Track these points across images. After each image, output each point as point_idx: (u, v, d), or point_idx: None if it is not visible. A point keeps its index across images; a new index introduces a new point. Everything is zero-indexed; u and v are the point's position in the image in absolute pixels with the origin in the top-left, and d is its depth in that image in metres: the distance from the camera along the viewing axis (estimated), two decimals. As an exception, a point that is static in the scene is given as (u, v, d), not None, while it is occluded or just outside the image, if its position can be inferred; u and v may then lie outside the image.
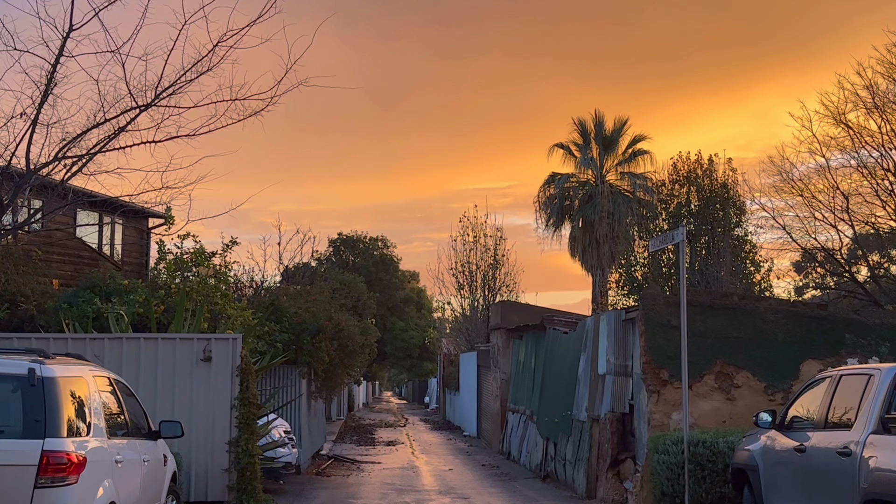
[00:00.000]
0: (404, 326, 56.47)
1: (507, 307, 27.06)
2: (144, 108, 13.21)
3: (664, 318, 12.79)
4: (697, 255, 28.64)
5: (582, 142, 36.01)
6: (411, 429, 37.34)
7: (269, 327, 18.15)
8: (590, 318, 16.68)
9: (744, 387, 12.70)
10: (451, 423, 41.13)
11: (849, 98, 19.53)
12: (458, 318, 38.57)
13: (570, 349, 17.56)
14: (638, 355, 13.30)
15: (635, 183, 33.84)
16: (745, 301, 13.25)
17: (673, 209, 30.00)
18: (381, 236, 57.17)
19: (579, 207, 34.82)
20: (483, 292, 37.17)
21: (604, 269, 33.56)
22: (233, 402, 12.17)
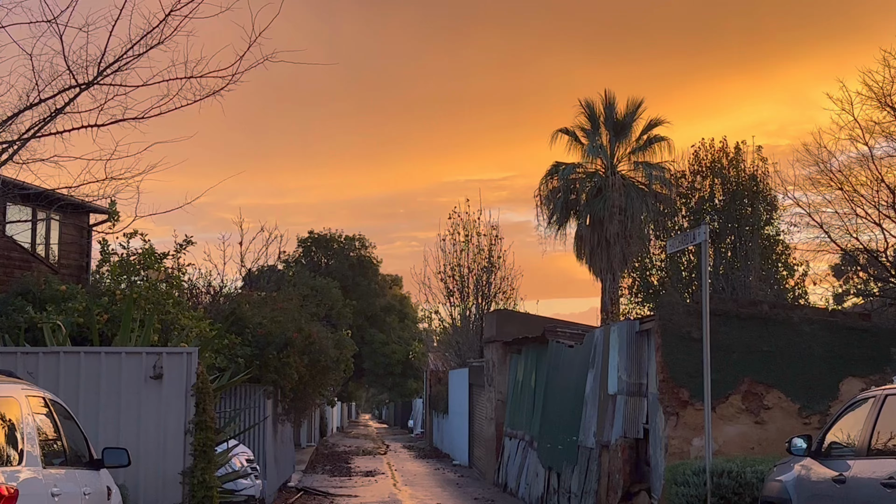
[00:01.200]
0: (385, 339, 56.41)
1: (503, 317, 27.09)
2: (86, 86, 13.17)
3: (684, 330, 12.83)
4: (722, 258, 28.68)
5: (590, 127, 36.10)
6: (393, 457, 37.33)
7: (229, 340, 18.12)
8: (598, 330, 16.71)
9: (775, 408, 12.75)
10: (439, 450, 41.11)
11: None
12: (447, 330, 38.53)
13: (576, 365, 17.58)
14: (654, 372, 13.34)
15: (651, 174, 33.95)
16: (777, 310, 13.31)
17: (694, 204, 30.02)
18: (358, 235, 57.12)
19: (587, 202, 34.91)
20: (476, 300, 37.17)
21: (615, 273, 33.63)
22: (187, 426, 12.14)
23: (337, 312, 39.07)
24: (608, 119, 35.82)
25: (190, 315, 16.04)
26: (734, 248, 28.56)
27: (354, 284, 52.36)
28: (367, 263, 55.00)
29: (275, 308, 21.47)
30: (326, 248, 53.99)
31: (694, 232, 12.20)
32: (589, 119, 36.13)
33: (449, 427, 38.53)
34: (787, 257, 29.92)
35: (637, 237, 32.86)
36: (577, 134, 36.26)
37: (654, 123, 35.56)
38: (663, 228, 30.91)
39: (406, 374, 56.90)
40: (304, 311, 23.39)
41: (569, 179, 35.28)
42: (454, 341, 37.78)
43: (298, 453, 33.00)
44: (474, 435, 31.57)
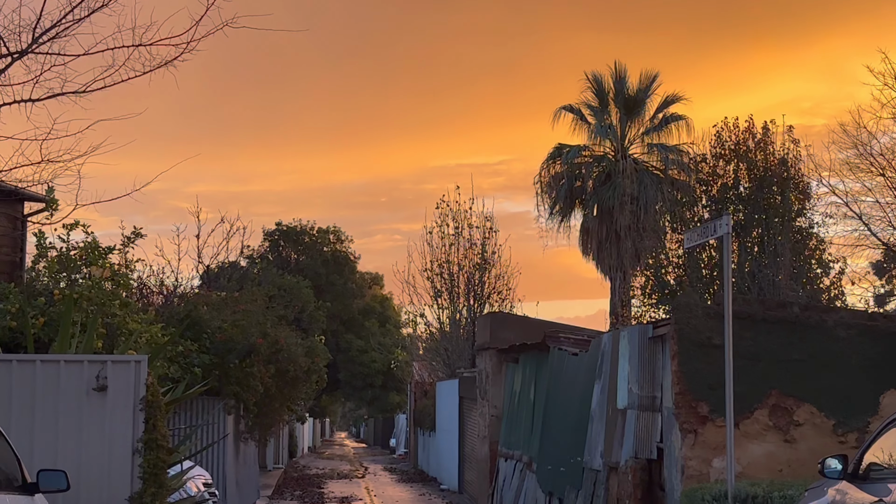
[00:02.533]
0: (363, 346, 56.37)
1: (498, 321, 27.11)
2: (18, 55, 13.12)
3: (703, 335, 12.87)
4: (748, 253, 28.76)
5: (597, 104, 36.13)
6: (373, 481, 37.36)
7: (184, 346, 18.11)
8: (606, 336, 16.74)
9: (806, 425, 12.79)
10: (425, 472, 41.14)
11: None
12: (435, 336, 38.53)
13: (581, 376, 17.60)
14: (669, 384, 13.37)
15: (667, 158, 34.01)
16: (809, 313, 13.35)
17: (716, 192, 30.09)
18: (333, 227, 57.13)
19: (594, 190, 34.96)
20: (467, 301, 37.19)
21: (625, 270, 33.68)
22: (135, 445, 12.12)
23: (308, 315, 39.02)
24: (618, 95, 35.86)
25: (139, 318, 16.01)
26: (761, 243, 28.63)
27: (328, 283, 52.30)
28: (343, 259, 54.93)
29: (237, 310, 21.45)
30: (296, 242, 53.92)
31: (715, 223, 12.22)
32: (596, 95, 36.15)
33: (436, 446, 38.54)
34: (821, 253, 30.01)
35: (651, 230, 32.94)
36: (583, 112, 36.28)
37: (670, 100, 35.61)
38: (681, 220, 30.97)
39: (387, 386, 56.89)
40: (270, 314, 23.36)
41: (573, 164, 35.31)
42: (442, 349, 37.78)
43: (264, 476, 32.98)
44: (465, 455, 31.59)
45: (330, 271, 52.86)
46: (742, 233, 28.64)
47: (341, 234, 55.83)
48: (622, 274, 33.84)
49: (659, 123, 35.50)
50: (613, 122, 35.87)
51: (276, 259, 51.49)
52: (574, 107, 36.40)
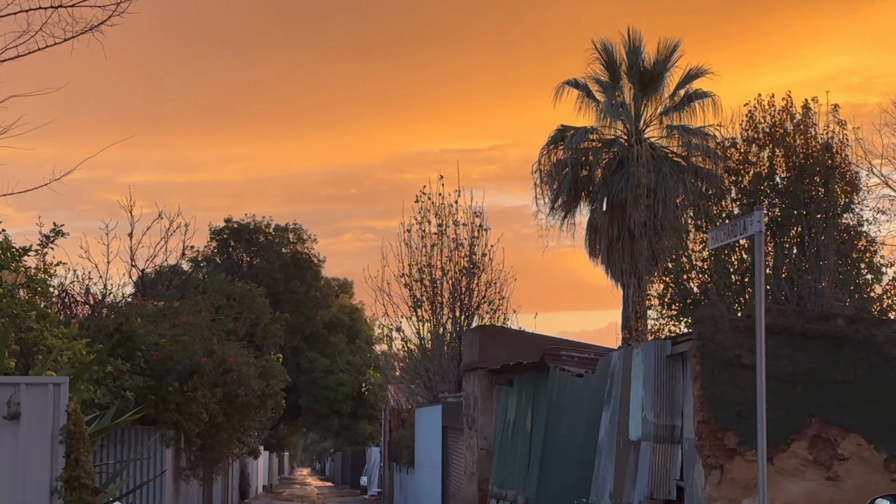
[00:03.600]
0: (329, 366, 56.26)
1: (489, 336, 27.10)
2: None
3: (731, 353, 12.88)
4: (785, 256, 28.80)
5: (607, 78, 36.23)
6: (339, 526, 37.30)
7: (113, 366, 18.04)
8: (617, 353, 16.74)
9: (853, 458, 12.81)
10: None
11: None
12: (414, 354, 38.51)
13: (587, 401, 17.60)
14: (690, 411, 13.38)
15: (690, 142, 34.12)
16: (857, 326, 13.37)
17: (748, 184, 30.10)
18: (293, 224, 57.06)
19: (603, 180, 35.05)
20: (452, 312, 37.16)
21: (640, 276, 33.76)
22: (54, 483, 12.08)
23: (263, 329, 38.91)
24: (632, 68, 35.97)
25: (60, 332, 15.94)
26: (801, 243, 28.67)
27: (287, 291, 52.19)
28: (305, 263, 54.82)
29: (177, 323, 21.41)
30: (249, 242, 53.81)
31: (746, 220, 12.23)
32: (606, 67, 36.25)
33: (416, 485, 38.53)
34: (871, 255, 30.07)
35: (671, 228, 32.95)
36: (591, 87, 36.37)
37: (694, 74, 35.72)
38: (706, 216, 30.99)
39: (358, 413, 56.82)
40: (217, 328, 23.32)
41: (579, 149, 35.40)
42: (423, 369, 37.76)
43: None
44: (450, 496, 31.58)
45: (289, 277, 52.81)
46: (778, 231, 28.66)
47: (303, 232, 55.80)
48: (636, 280, 33.91)
49: (680, 101, 35.62)
50: (626, 100, 35.98)
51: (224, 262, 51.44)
52: (580, 81, 36.49)
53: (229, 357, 21.39)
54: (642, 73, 35.88)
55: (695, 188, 32.81)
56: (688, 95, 35.59)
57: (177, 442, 20.75)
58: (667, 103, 35.94)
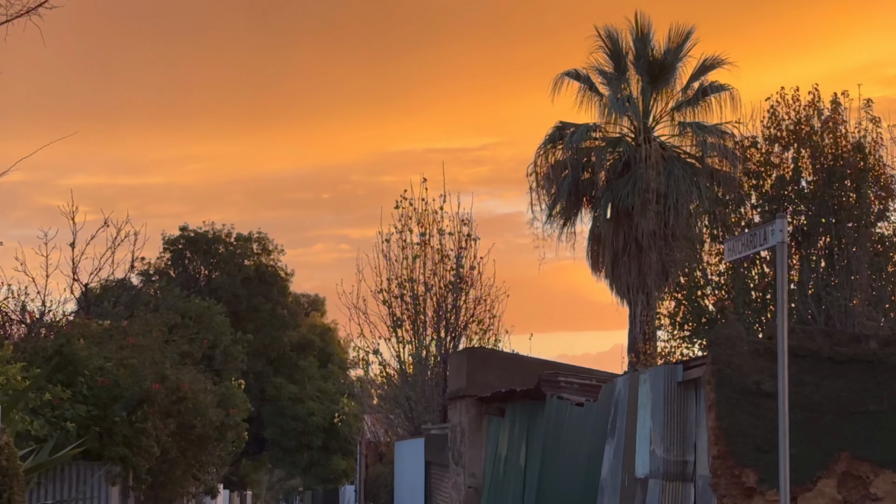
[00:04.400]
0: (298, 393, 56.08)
1: (478, 359, 27.08)
2: None
3: (750, 379, 12.88)
4: (812, 270, 28.84)
5: (612, 69, 36.26)
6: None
7: (52, 393, 18.01)
8: (622, 379, 16.74)
9: (887, 498, 12.82)
10: (380, 564, 41.06)
11: None
12: (393, 380, 38.46)
13: (588, 433, 17.60)
14: (705, 444, 13.37)
15: (705, 141, 34.14)
16: (892, 349, 13.39)
17: (770, 188, 30.19)
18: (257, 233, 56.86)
19: (607, 184, 35.05)
20: (437, 333, 37.15)
21: (649, 292, 33.75)
22: (-17, 527, 12.04)
23: (223, 352, 38.82)
24: (640, 57, 36.01)
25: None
26: (829, 255, 28.69)
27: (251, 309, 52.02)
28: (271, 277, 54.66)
29: (125, 345, 21.37)
30: (207, 253, 53.62)
31: (767, 229, 12.23)
32: (611, 57, 36.29)
33: (395, 529, 38.47)
34: (909, 269, 30.12)
35: (683, 238, 32.95)
36: (593, 79, 36.41)
37: (709, 65, 35.77)
38: (723, 224, 31.02)
39: (330, 447, 56.64)
40: (170, 350, 23.29)
41: (580, 149, 35.42)
42: (403, 397, 37.70)
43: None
44: (433, 541, 31.54)
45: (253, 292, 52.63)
46: (804, 242, 28.69)
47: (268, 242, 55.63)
48: (644, 297, 33.91)
49: (694, 95, 35.66)
50: (633, 94, 36.02)
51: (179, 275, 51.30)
52: (581, 72, 36.52)
53: (184, 383, 21.35)
54: (651, 64, 35.92)
55: (710, 193, 32.79)
56: (703, 88, 35.63)
57: (124, 479, 20.67)
58: (679, 97, 35.99)
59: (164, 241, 53.35)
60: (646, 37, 36.13)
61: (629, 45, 36.23)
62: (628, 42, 36.23)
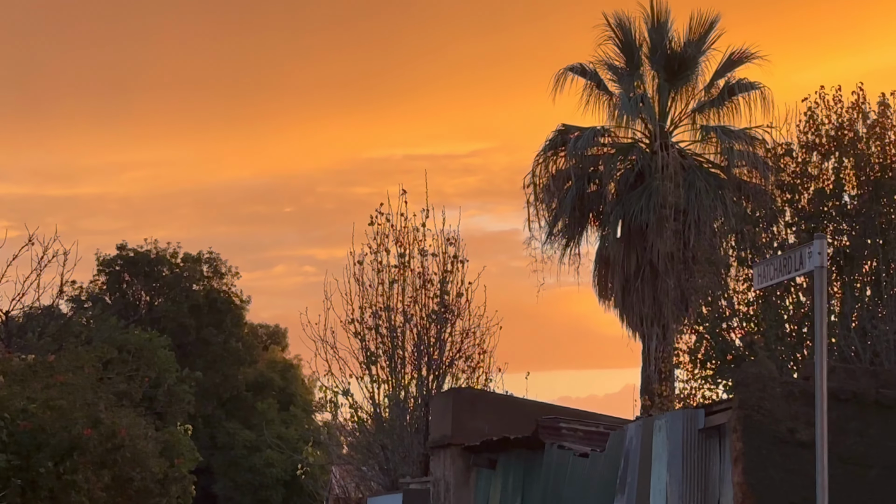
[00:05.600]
0: (254, 441, 55.86)
1: (465, 402, 27.09)
2: None
3: (783, 426, 12.90)
4: (855, 299, 28.91)
5: (624, 63, 36.32)
6: None
7: (-35, 440, 17.96)
8: (633, 426, 16.74)
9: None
10: None
11: None
12: (367, 425, 38.39)
13: (594, 489, 17.60)
14: (730, 501, 13.37)
15: (732, 149, 34.17)
16: (948, 392, 13.43)
17: (807, 203, 30.31)
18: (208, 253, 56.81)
19: (618, 197, 35.08)
20: (417, 371, 37.11)
21: (665, 324, 33.76)
22: None
23: (167, 392, 38.67)
24: (656, 50, 36.07)
25: None
26: (876, 282, 28.77)
27: (200, 341, 51.94)
28: (224, 304, 54.60)
29: (52, 383, 21.31)
30: (150, 276, 53.60)
31: (803, 251, 12.25)
32: (622, 50, 36.35)
33: None
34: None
35: (706, 261, 33.01)
36: (602, 75, 36.46)
37: (737, 59, 35.85)
38: (752, 245, 31.12)
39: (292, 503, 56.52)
40: (105, 390, 23.22)
41: (586, 156, 35.46)
42: (378, 445, 37.61)
43: None
44: None
45: (202, 322, 52.69)
46: (846, 266, 28.76)
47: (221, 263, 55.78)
48: (660, 329, 33.91)
49: (719, 95, 35.73)
50: (648, 92, 36.07)
51: (116, 302, 51.34)
52: (587, 68, 36.56)
53: (121, 429, 21.28)
54: (669, 57, 35.97)
55: (737, 209, 32.86)
56: (729, 87, 35.68)
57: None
58: (701, 97, 36.04)
59: (98, 261, 53.51)
60: (663, 26, 36.17)
61: (643, 36, 36.28)
62: (642, 32, 36.28)
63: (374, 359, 37.45)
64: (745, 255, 31.31)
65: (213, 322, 53.63)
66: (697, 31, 36.14)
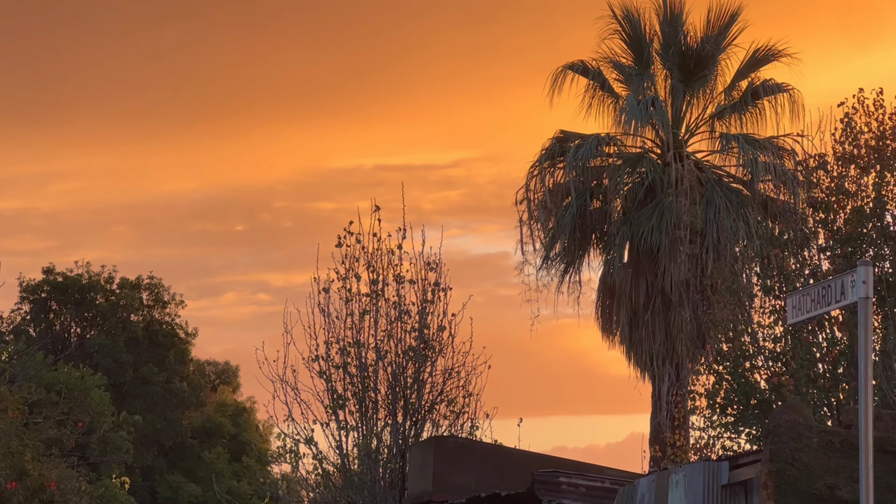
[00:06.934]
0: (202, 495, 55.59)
1: (448, 452, 27.10)
2: None
3: (821, 482, 12.92)
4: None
5: (631, 61, 36.44)
6: None
7: None
8: (644, 481, 16.76)
9: None
10: None
11: None
12: (333, 478, 38.39)
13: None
14: (758, 570, 13.40)
15: (756, 161, 34.23)
16: None
17: (843, 224, 30.38)
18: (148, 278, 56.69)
19: (624, 216, 35.11)
20: (392, 416, 37.10)
21: (679, 363, 33.79)
22: None
23: (102, 439, 38.53)
24: (669, 46, 36.17)
25: None
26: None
27: (139, 380, 51.78)
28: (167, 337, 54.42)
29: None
30: (81, 305, 53.41)
31: (843, 280, 12.26)
32: (630, 46, 36.46)
33: None
34: None
35: (727, 290, 33.04)
36: (606, 75, 36.56)
37: (762, 57, 35.96)
38: (780, 273, 31.17)
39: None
40: (31, 436, 23.19)
41: (588, 168, 35.51)
42: (345, 502, 37.65)
43: None
44: None
45: (142, 358, 52.60)
46: (889, 297, 28.84)
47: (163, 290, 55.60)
48: (673, 369, 33.95)
49: (741, 98, 35.83)
50: (660, 95, 36.13)
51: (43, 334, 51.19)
52: (590, 66, 36.66)
53: (50, 482, 21.31)
54: (684, 55, 36.06)
55: (763, 230, 32.86)
56: (753, 89, 35.78)
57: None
58: (721, 100, 36.14)
59: (21, 287, 53.34)
60: (677, 18, 36.23)
61: (654, 30, 36.38)
62: (653, 25, 36.39)
63: (342, 402, 37.41)
64: (771, 284, 31.34)
65: (154, 358, 53.53)
66: (716, 24, 36.22)
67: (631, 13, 36.36)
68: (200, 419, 55.29)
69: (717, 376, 32.05)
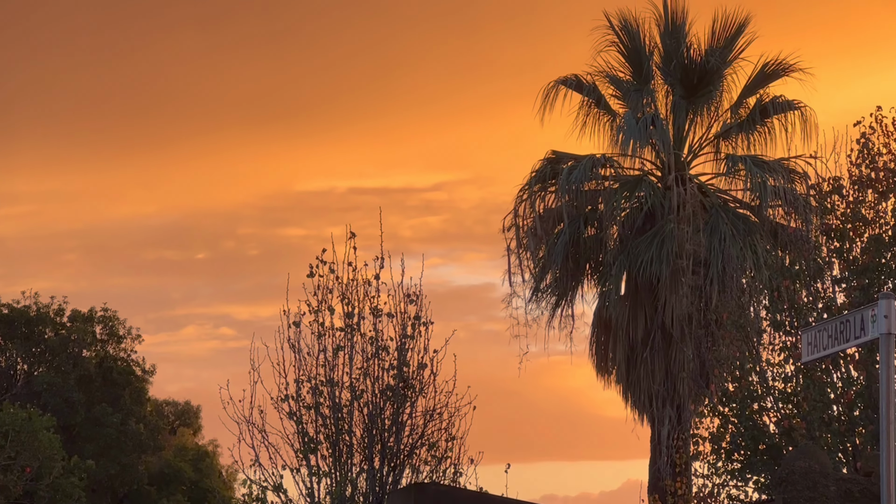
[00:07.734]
0: (159, 549, 55.79)
1: (429, 499, 27.14)
2: None
3: (837, 537, 12.94)
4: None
5: (630, 75, 36.50)
6: None
7: None
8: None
9: None
10: None
11: None
12: (303, 530, 38.40)
13: None
14: None
15: (765, 184, 34.27)
16: None
17: (861, 253, 30.45)
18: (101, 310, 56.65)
19: (622, 244, 35.13)
20: (369, 462, 37.10)
21: (681, 404, 33.81)
22: None
23: (51, 485, 38.47)
24: (671, 59, 36.24)
25: None
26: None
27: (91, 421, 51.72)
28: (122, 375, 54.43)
29: None
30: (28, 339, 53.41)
31: (863, 315, 12.28)
32: (628, 59, 36.51)
33: None
34: None
35: (733, 325, 33.09)
36: (602, 90, 36.62)
37: (771, 71, 36.02)
38: (792, 306, 31.22)
39: None
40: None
41: (581, 192, 35.50)
42: (317, 556, 37.63)
43: None
44: None
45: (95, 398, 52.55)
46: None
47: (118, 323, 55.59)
48: (674, 411, 33.97)
49: (749, 116, 35.89)
50: (661, 112, 36.17)
51: (-14, 371, 51.17)
52: (584, 81, 36.70)
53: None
54: (687, 69, 36.09)
55: (772, 260, 32.91)
56: (762, 106, 35.81)
57: None
58: (727, 119, 36.17)
59: (-36, 323, 53.28)
60: (679, 29, 36.26)
61: (655, 42, 36.42)
62: (654, 37, 36.43)
63: (314, 446, 37.39)
64: (781, 319, 31.35)
65: (108, 397, 53.51)
66: (722, 36, 36.24)
67: (629, 23, 36.34)
68: (158, 464, 55.24)
69: (723, 419, 32.06)
